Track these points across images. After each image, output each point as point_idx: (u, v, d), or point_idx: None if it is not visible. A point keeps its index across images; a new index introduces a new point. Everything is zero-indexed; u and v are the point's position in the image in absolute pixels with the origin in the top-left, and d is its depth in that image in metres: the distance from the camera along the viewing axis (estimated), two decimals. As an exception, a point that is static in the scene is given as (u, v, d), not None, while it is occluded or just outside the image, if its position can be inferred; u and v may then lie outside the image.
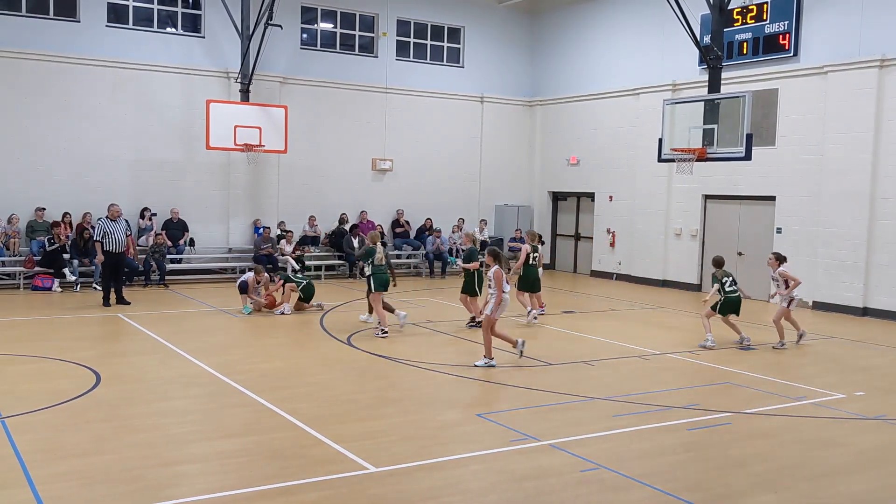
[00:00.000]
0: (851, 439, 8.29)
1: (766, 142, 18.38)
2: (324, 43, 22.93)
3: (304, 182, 22.22)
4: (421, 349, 12.38)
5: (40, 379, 9.96)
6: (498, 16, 25.11)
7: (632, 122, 22.15)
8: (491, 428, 8.27)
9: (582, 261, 24.64)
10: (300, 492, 6.40)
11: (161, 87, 20.35)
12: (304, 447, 7.49)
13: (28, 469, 6.69)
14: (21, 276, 18.06)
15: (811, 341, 13.85)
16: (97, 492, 6.30)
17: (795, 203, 18.23)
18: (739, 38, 18.99)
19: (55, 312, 15.28)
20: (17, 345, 11.86)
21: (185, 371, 10.51)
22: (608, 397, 9.62)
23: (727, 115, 14.48)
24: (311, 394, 9.56)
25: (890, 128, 16.51)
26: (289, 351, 12.28)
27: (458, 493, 6.53)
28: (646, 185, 21.78)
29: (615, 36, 22.88)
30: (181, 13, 20.93)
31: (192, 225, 20.72)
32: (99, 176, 19.69)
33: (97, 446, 7.37)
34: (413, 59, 24.01)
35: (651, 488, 6.60)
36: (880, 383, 10.88)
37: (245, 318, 14.88)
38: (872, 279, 16.87)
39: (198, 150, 20.21)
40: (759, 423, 8.78)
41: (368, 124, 23.06)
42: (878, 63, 16.53)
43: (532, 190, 25.90)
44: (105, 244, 15.63)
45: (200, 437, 7.81)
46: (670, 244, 21.21)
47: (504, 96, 25.30)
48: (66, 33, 19.28)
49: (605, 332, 14.24)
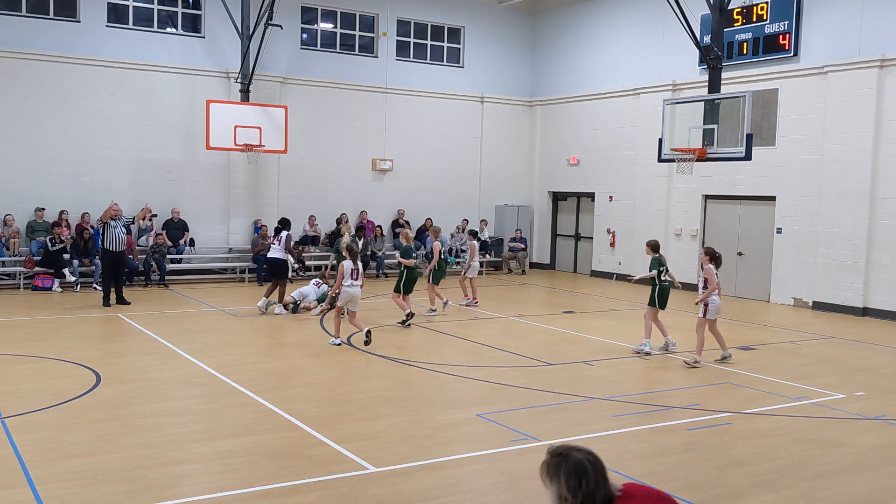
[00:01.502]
0: (851, 439, 8.29)
1: (766, 142, 18.38)
2: (324, 43, 22.93)
3: (304, 182, 22.22)
4: (421, 349, 12.38)
5: (40, 379, 9.96)
6: (498, 16, 25.12)
7: (632, 122, 22.15)
8: (491, 428, 8.27)
9: (582, 261, 24.65)
10: (300, 492, 6.40)
11: (161, 88, 20.35)
12: (304, 447, 7.49)
13: (28, 469, 6.69)
14: (21, 276, 18.06)
15: (811, 341, 13.86)
16: (97, 492, 6.30)
17: (795, 203, 18.23)
18: (739, 38, 19.00)
19: (55, 312, 15.28)
20: (17, 345, 11.86)
21: (186, 371, 10.51)
22: (608, 397, 9.62)
23: (727, 115, 14.49)
24: (311, 394, 9.57)
25: (890, 128, 16.51)
26: (289, 351, 12.29)
27: (458, 494, 6.53)
28: (646, 185, 21.78)
29: (615, 36, 22.89)
30: (181, 13, 20.93)
31: (192, 225, 20.72)
32: (99, 176, 19.69)
33: (97, 446, 7.38)
34: (413, 59, 24.01)
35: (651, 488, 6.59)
36: (880, 383, 10.88)
37: (245, 319, 14.86)
38: (872, 279, 16.87)
39: (198, 150, 20.22)
40: (759, 423, 8.78)
41: (368, 124, 23.07)
42: (878, 63, 16.53)
43: (532, 190, 25.90)
44: (105, 242, 15.67)
45: (201, 437, 7.81)
46: (670, 244, 21.21)
47: (504, 96, 25.31)
48: (66, 33, 19.29)
49: (605, 332, 14.24)
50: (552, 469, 3.07)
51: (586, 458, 3.08)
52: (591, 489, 3.02)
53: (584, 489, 3.00)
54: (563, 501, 3.03)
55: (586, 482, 3.01)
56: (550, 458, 3.11)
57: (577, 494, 2.99)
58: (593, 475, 3.04)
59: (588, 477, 3.02)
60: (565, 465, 3.04)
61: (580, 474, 3.02)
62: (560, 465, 3.05)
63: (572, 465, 3.04)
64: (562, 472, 3.03)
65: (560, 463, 3.06)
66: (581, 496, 2.99)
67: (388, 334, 13.34)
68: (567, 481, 3.01)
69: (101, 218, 15.83)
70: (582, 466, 3.04)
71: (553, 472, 3.06)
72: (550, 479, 3.06)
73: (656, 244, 12.62)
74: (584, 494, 3.00)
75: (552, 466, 3.07)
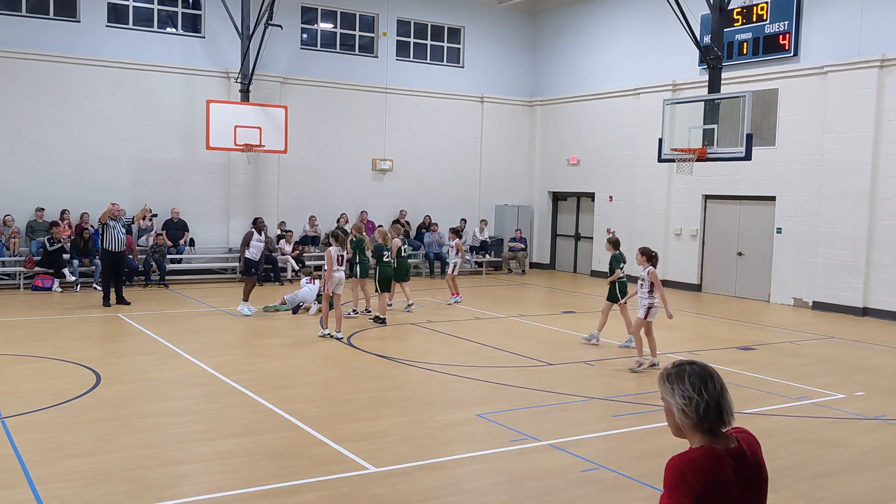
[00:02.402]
0: (851, 439, 8.29)
1: (766, 142, 18.38)
2: (324, 43, 22.93)
3: (304, 182, 22.22)
4: (421, 349, 12.38)
5: (40, 379, 9.96)
6: (498, 16, 25.12)
7: (632, 122, 22.15)
8: (491, 428, 8.27)
9: (582, 261, 24.64)
10: (300, 492, 6.40)
11: (161, 87, 20.35)
12: (304, 447, 7.49)
13: (28, 469, 6.69)
14: (21, 276, 18.06)
15: (811, 341, 13.86)
16: (97, 492, 6.30)
17: (795, 203, 18.23)
18: (739, 38, 18.99)
19: (55, 312, 15.28)
20: (17, 345, 11.86)
21: (186, 371, 10.51)
22: (608, 397, 9.62)
23: (727, 115, 14.49)
24: (311, 394, 9.57)
25: (890, 128, 16.51)
26: (289, 351, 12.28)
27: (458, 493, 6.53)
28: (646, 185, 21.78)
29: (615, 36, 22.89)
30: (181, 13, 20.94)
31: (192, 225, 20.72)
32: (99, 176, 19.69)
33: (97, 446, 7.38)
34: (413, 59, 24.01)
35: (651, 488, 6.60)
36: (880, 383, 10.88)
37: (244, 319, 14.86)
38: (872, 279, 16.87)
39: (198, 150, 20.22)
40: (759, 423, 8.77)
41: (368, 124, 23.07)
42: (878, 63, 16.53)
43: (532, 190, 25.90)
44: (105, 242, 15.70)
45: (201, 437, 7.80)
46: (670, 244, 21.21)
47: (504, 96, 25.31)
48: (66, 33, 19.29)
49: (605, 332, 14.22)
50: (674, 376, 2.99)
51: (709, 369, 3.01)
52: (718, 392, 2.93)
53: (711, 390, 2.92)
54: (688, 402, 2.91)
55: (713, 384, 2.93)
56: (671, 367, 3.04)
57: (703, 394, 2.90)
58: (719, 381, 2.96)
59: (714, 381, 2.95)
60: (689, 371, 2.97)
61: (705, 377, 2.95)
62: (683, 372, 2.98)
63: (698, 370, 2.97)
64: (686, 376, 2.96)
65: (683, 371, 2.98)
66: (708, 396, 2.90)
67: (388, 335, 13.34)
68: (693, 383, 2.93)
69: (101, 218, 15.84)
70: (708, 370, 2.98)
71: (676, 378, 2.98)
72: (672, 384, 2.97)
73: (617, 241, 13.18)
74: (710, 395, 2.91)
75: (674, 374, 3.00)
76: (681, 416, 2.94)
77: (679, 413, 2.94)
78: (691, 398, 2.91)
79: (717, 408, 2.91)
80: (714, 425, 2.92)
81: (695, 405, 2.90)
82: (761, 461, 3.01)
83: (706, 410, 2.89)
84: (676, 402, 2.95)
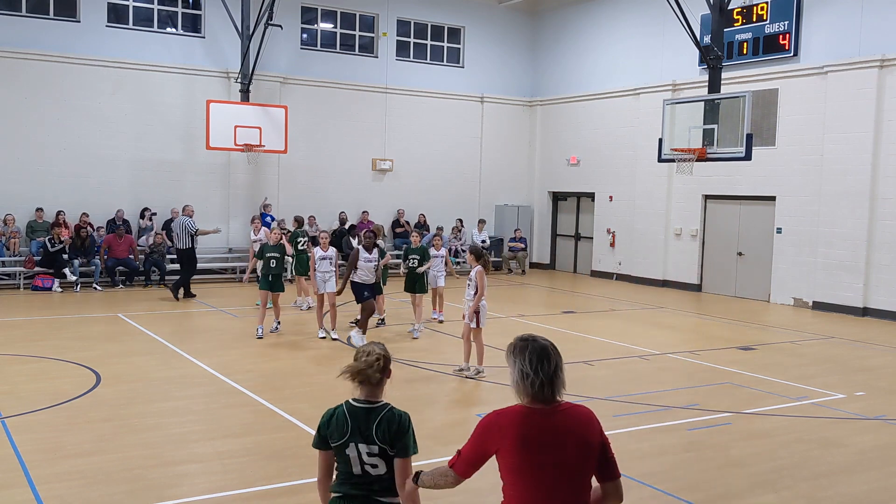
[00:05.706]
0: (851, 439, 8.29)
1: (766, 142, 18.37)
2: (324, 43, 22.93)
3: (304, 182, 22.21)
4: (421, 349, 12.38)
5: (40, 379, 9.97)
6: (498, 16, 25.11)
7: (632, 122, 22.14)
8: (491, 428, 8.24)
9: (582, 261, 24.64)
10: (300, 492, 6.39)
11: (161, 87, 20.35)
12: (304, 447, 7.48)
13: (28, 469, 6.69)
14: (21, 276, 18.06)
15: (811, 341, 13.85)
16: (97, 492, 6.30)
17: (795, 203, 18.23)
18: (739, 38, 18.99)
19: (55, 312, 15.28)
20: (17, 345, 11.86)
21: (186, 371, 10.51)
22: (608, 397, 9.62)
23: (727, 115, 14.49)
24: (311, 394, 9.56)
25: (890, 128, 16.51)
26: (289, 351, 12.28)
27: (458, 493, 6.50)
28: (646, 185, 21.77)
29: (615, 36, 22.89)
30: (181, 13, 20.94)
31: (192, 225, 20.71)
32: (99, 176, 19.69)
33: (97, 446, 7.38)
34: (413, 60, 24.01)
35: (651, 488, 6.60)
36: (880, 383, 10.88)
37: (245, 319, 14.84)
38: (872, 279, 16.87)
39: (198, 150, 20.21)
40: (759, 423, 8.77)
41: (368, 124, 23.06)
42: (878, 63, 16.53)
43: (532, 190, 25.90)
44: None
45: (201, 437, 7.81)
46: (670, 244, 21.21)
47: (504, 96, 25.30)
48: (66, 33, 19.29)
49: (605, 332, 14.24)
50: (518, 350, 3.35)
51: (550, 346, 3.35)
52: (552, 371, 3.29)
53: (546, 369, 3.28)
54: (524, 378, 3.29)
55: (548, 364, 3.29)
56: (518, 341, 3.39)
57: (538, 372, 3.27)
58: (555, 360, 3.32)
59: (551, 360, 3.30)
60: (531, 348, 3.33)
61: (543, 357, 3.30)
62: (525, 349, 3.33)
63: (538, 348, 3.32)
64: (527, 353, 3.31)
65: (525, 346, 3.34)
66: (542, 374, 3.27)
67: (388, 335, 13.33)
68: (531, 360, 3.29)
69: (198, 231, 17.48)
70: (547, 350, 3.33)
71: (519, 352, 3.34)
72: (515, 357, 3.34)
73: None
74: (544, 373, 3.27)
75: (519, 348, 3.36)
76: (516, 385, 3.35)
77: (514, 384, 3.36)
78: (527, 374, 3.29)
79: (550, 385, 3.30)
80: (545, 399, 3.31)
81: (530, 381, 3.29)
82: (584, 431, 3.32)
83: (540, 387, 3.29)
84: (514, 374, 3.34)
